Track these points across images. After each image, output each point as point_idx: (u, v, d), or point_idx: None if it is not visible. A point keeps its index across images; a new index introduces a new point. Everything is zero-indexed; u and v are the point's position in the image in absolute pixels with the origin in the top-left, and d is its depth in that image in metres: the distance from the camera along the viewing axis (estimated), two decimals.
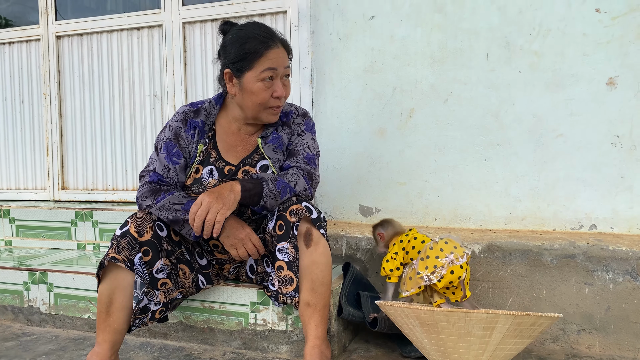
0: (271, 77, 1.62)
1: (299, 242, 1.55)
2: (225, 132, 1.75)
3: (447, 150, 2.17)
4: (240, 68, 1.61)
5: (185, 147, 1.70)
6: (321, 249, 1.55)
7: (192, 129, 1.71)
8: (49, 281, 2.10)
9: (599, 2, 1.95)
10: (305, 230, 1.55)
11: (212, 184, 1.68)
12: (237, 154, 1.73)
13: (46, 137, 2.88)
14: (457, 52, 2.13)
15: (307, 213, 1.56)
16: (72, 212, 2.54)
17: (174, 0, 2.57)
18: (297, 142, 1.74)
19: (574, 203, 2.03)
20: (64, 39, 2.85)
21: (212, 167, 1.71)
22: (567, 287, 1.86)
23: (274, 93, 1.63)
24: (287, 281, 1.54)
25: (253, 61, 1.60)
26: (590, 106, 1.98)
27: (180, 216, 1.58)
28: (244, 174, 1.69)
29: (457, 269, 1.61)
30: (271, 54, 1.60)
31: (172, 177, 1.68)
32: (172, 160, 1.68)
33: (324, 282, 1.56)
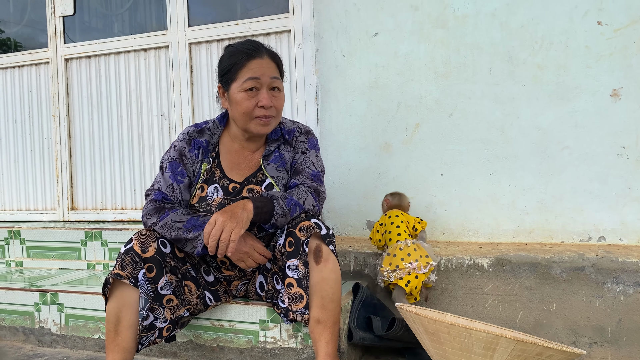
0: (254, 87, 1.62)
1: (309, 258, 1.56)
2: (228, 151, 1.77)
3: (453, 164, 2.18)
4: (227, 81, 1.66)
5: (189, 166, 1.73)
6: (331, 265, 1.55)
7: (197, 148, 1.74)
8: (60, 302, 2.11)
9: (601, 15, 1.96)
10: (315, 247, 1.55)
11: (217, 202, 1.70)
12: (240, 172, 1.75)
13: (55, 158, 2.92)
14: (461, 66, 2.15)
15: (317, 229, 1.56)
16: (81, 232, 2.56)
17: (180, 21, 2.61)
18: (301, 160, 1.75)
19: (582, 215, 2.02)
20: (73, 62, 2.89)
21: (217, 185, 1.72)
22: (578, 300, 1.85)
23: (259, 102, 1.62)
24: (297, 298, 1.55)
25: (237, 72, 1.63)
26: (595, 118, 1.99)
27: (182, 234, 1.59)
28: (248, 192, 1.71)
29: (420, 275, 1.80)
30: (253, 64, 1.63)
31: (177, 195, 1.70)
32: (177, 179, 1.71)
33: (334, 299, 1.56)
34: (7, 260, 2.71)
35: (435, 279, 1.90)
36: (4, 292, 2.20)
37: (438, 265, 1.98)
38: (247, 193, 1.71)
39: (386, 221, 1.96)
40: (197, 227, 1.59)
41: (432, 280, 1.88)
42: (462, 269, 1.96)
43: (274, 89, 1.66)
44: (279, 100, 1.68)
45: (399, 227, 1.91)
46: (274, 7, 2.49)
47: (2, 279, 2.42)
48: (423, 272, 1.81)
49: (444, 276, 1.98)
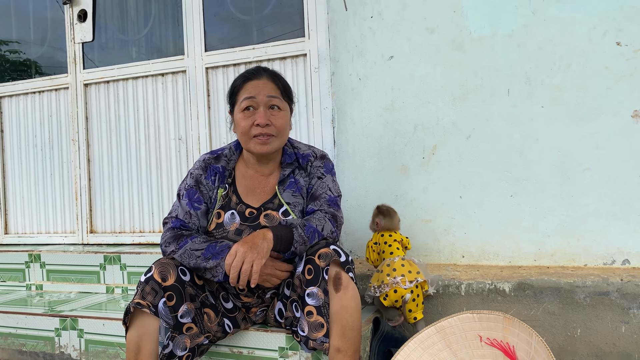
0: (251, 106, 1.66)
1: (329, 285, 1.54)
2: (243, 176, 1.79)
3: (472, 186, 2.16)
4: (231, 105, 1.75)
5: (206, 192, 1.75)
6: (350, 293, 1.54)
7: (213, 174, 1.76)
8: (80, 327, 2.12)
9: (619, 35, 1.94)
10: (335, 274, 1.54)
11: (234, 228, 1.71)
12: (256, 197, 1.76)
13: (75, 182, 2.95)
14: (478, 88, 2.14)
15: (336, 256, 1.55)
16: (100, 256, 2.57)
17: (197, 46, 2.65)
18: (318, 185, 1.76)
19: (605, 238, 1.99)
20: (92, 87, 2.94)
21: (234, 211, 1.73)
22: (603, 326, 1.81)
23: (255, 121, 1.65)
24: (317, 326, 1.53)
25: (236, 95, 1.71)
26: (616, 139, 1.96)
27: (200, 263, 1.60)
28: (265, 218, 1.71)
29: (400, 289, 1.80)
30: (249, 85, 1.69)
31: (194, 222, 1.72)
32: (194, 206, 1.72)
33: (354, 327, 1.54)
34: (27, 283, 2.73)
35: (434, 292, 1.94)
36: (25, 317, 2.21)
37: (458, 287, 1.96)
38: (264, 219, 1.71)
39: (380, 240, 1.98)
40: (215, 255, 1.60)
41: (431, 292, 1.92)
42: (484, 293, 1.94)
43: (272, 108, 1.67)
44: (278, 118, 1.68)
45: (390, 245, 1.94)
46: (290, 31, 2.51)
47: (22, 303, 2.45)
48: (407, 287, 1.81)
49: (465, 301, 1.96)
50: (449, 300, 1.97)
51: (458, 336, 1.58)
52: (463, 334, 1.56)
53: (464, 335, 1.56)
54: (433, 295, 1.96)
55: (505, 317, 1.51)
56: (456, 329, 1.58)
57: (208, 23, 2.65)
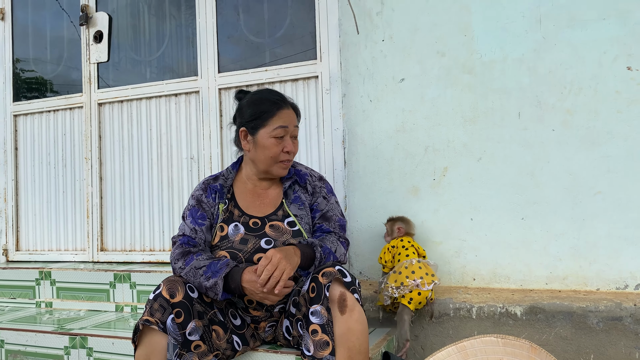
0: (282, 135, 1.78)
1: (333, 307, 1.54)
2: (242, 192, 1.89)
3: (482, 208, 2.16)
4: (255, 126, 1.80)
5: (208, 209, 1.83)
6: (356, 315, 1.53)
7: (213, 192, 1.86)
8: (89, 346, 2.12)
9: (630, 60, 1.96)
10: (339, 295, 1.54)
11: (239, 238, 1.77)
12: (257, 208, 1.85)
13: (87, 200, 2.98)
14: (489, 111, 2.15)
15: (340, 275, 1.57)
16: (110, 274, 2.58)
17: (211, 67, 2.69)
18: (326, 206, 1.87)
19: (618, 262, 1.97)
20: (105, 106, 2.98)
21: (237, 223, 1.81)
22: (617, 352, 1.79)
23: (284, 148, 1.79)
24: (323, 345, 1.52)
25: (267, 120, 1.78)
26: (628, 163, 1.96)
27: (202, 282, 1.63)
28: (271, 228, 1.78)
29: (423, 292, 1.90)
30: (282, 114, 1.79)
31: (200, 236, 1.79)
32: (198, 223, 1.81)
33: (361, 351, 1.53)
34: (37, 301, 2.74)
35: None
36: (35, 335, 2.22)
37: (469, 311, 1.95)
38: (270, 229, 1.78)
39: (398, 244, 2.06)
40: (215, 274, 1.62)
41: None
42: (495, 317, 1.92)
43: (294, 137, 1.84)
44: (297, 146, 1.86)
45: (407, 249, 2.02)
46: (302, 54, 2.54)
47: (32, 320, 2.45)
48: (427, 289, 1.90)
49: (476, 324, 1.94)
50: (460, 324, 1.96)
51: (479, 358, 1.56)
52: (485, 356, 1.54)
53: (486, 359, 1.54)
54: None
55: (532, 346, 1.49)
56: (478, 351, 1.56)
57: (221, 45, 2.70)
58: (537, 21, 2.09)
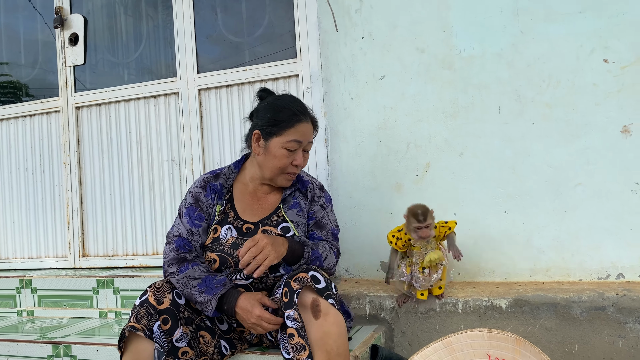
0: (295, 148, 1.75)
1: (306, 312, 1.53)
2: (241, 193, 1.84)
3: (465, 203, 2.17)
4: (269, 132, 1.75)
5: (206, 210, 1.79)
6: (331, 318, 1.52)
7: (212, 192, 1.81)
8: (73, 354, 2.08)
9: (607, 53, 1.98)
10: (312, 302, 1.52)
11: (231, 242, 1.73)
12: (253, 212, 1.81)
13: (67, 205, 2.93)
14: (469, 106, 2.16)
15: (312, 282, 1.54)
16: (93, 280, 2.54)
17: (190, 68, 2.66)
18: (322, 214, 1.86)
19: (599, 252, 2.00)
20: (83, 110, 2.93)
21: (230, 226, 1.77)
22: (600, 341, 1.82)
23: (293, 161, 1.76)
24: (300, 348, 1.52)
25: (283, 129, 1.74)
26: (606, 154, 1.99)
27: (194, 295, 1.62)
28: (263, 233, 1.74)
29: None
30: (300, 127, 1.75)
31: (196, 239, 1.76)
32: (195, 224, 1.76)
33: (340, 353, 1.52)
34: (18, 309, 2.69)
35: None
36: (17, 345, 2.18)
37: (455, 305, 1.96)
38: (261, 233, 1.73)
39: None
40: (209, 290, 1.60)
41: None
42: (480, 310, 1.94)
43: (305, 151, 1.81)
44: (307, 160, 1.83)
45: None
46: (282, 52, 2.53)
47: (13, 329, 2.40)
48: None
49: (462, 318, 1.95)
50: (446, 319, 1.97)
51: (465, 353, 1.57)
52: (471, 351, 1.56)
53: (472, 353, 1.55)
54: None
55: (517, 339, 1.50)
56: (464, 346, 1.57)
57: (200, 45, 2.67)
58: (514, 15, 2.10)
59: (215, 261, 1.72)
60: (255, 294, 1.63)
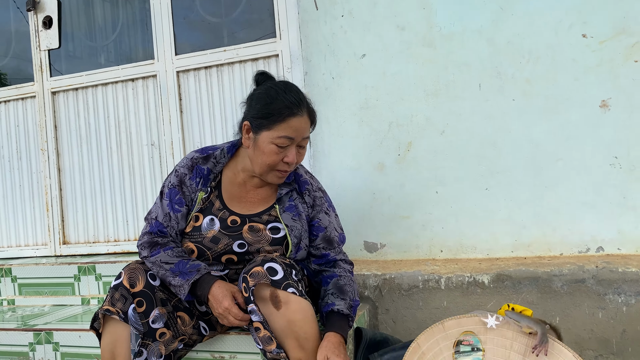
0: (286, 144, 1.58)
1: (268, 306, 1.50)
2: (230, 182, 1.72)
3: (447, 181, 2.17)
4: (259, 125, 1.58)
5: (188, 194, 1.69)
6: (293, 306, 1.48)
7: (198, 176, 1.69)
8: (55, 340, 2.06)
9: (585, 28, 1.99)
10: (270, 294, 1.49)
11: (211, 235, 1.66)
12: (242, 205, 1.71)
13: (45, 193, 2.88)
14: (450, 84, 2.16)
15: (267, 277, 1.49)
16: (74, 267, 2.51)
17: (167, 50, 2.61)
18: (328, 223, 1.73)
19: (579, 226, 2.02)
20: (60, 94, 2.87)
21: (214, 217, 1.68)
22: (580, 313, 1.84)
23: (285, 158, 1.59)
24: (267, 340, 1.51)
25: (274, 123, 1.56)
26: (586, 129, 2.00)
27: (168, 278, 1.58)
28: (250, 230, 1.66)
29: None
30: (293, 122, 1.56)
31: (173, 225, 1.68)
32: (174, 209, 1.68)
33: (309, 337, 1.50)
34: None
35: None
36: None
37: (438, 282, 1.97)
38: (248, 231, 1.66)
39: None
40: (182, 274, 1.57)
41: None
42: (463, 286, 1.95)
43: (300, 147, 1.62)
44: (302, 156, 1.65)
45: None
46: (261, 32, 2.49)
47: None
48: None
49: (445, 295, 1.97)
50: (429, 295, 1.98)
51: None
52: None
53: None
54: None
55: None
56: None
57: (177, 27, 2.62)
58: None
59: (193, 252, 1.67)
60: (231, 286, 1.58)
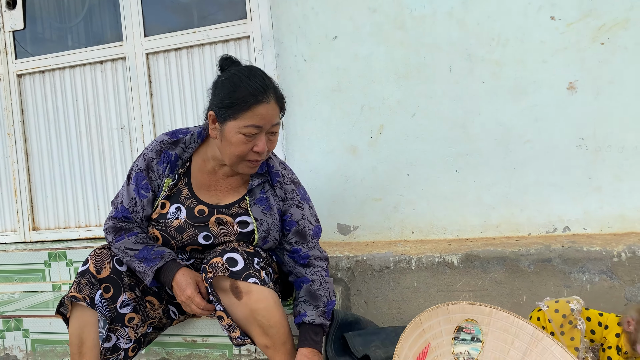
0: (254, 133, 1.49)
1: (229, 296, 1.49)
2: (199, 170, 1.66)
3: (418, 163, 2.19)
4: (224, 115, 1.49)
5: (154, 180, 1.64)
6: (255, 296, 1.48)
7: (165, 162, 1.63)
8: (25, 327, 2.04)
9: (554, 10, 2.00)
10: (230, 285, 1.48)
11: (177, 225, 1.62)
12: (211, 194, 1.66)
13: (13, 178, 2.82)
14: (421, 66, 2.16)
15: (225, 269, 1.47)
16: (44, 253, 2.48)
17: (136, 31, 2.56)
18: (300, 217, 1.67)
19: (547, 207, 2.06)
20: (26, 77, 2.80)
21: (181, 206, 1.63)
22: (547, 291, 1.89)
23: (254, 147, 1.51)
24: (231, 327, 1.51)
25: (239, 112, 1.47)
26: (554, 111, 2.03)
27: (133, 263, 1.57)
28: (217, 223, 1.62)
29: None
30: (260, 110, 1.47)
31: (138, 211, 1.64)
32: (140, 194, 1.64)
33: (272, 324, 1.50)
34: None
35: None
36: None
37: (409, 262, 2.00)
38: (214, 223, 1.62)
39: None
40: (147, 261, 1.56)
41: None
42: (433, 266, 1.98)
43: (271, 134, 1.54)
44: (274, 143, 1.57)
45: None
46: (232, 13, 2.45)
47: None
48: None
49: (415, 275, 1.99)
50: (400, 276, 2.00)
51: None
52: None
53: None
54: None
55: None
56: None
57: (147, 7, 2.57)
58: None
59: (158, 239, 1.65)
60: (195, 274, 1.56)
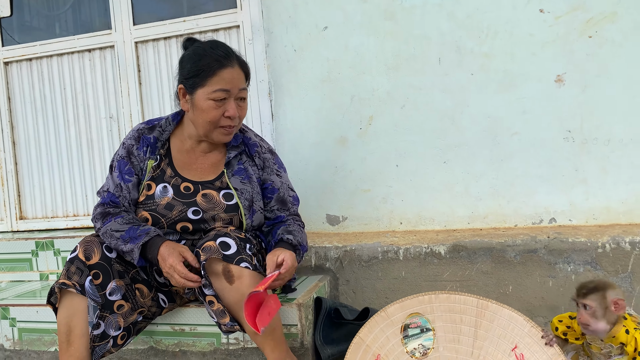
0: (224, 97, 1.59)
1: (220, 280, 1.50)
2: (179, 150, 1.73)
3: (407, 154, 2.20)
4: (192, 84, 1.60)
5: (137, 164, 1.69)
6: (247, 280, 1.50)
7: (145, 145, 1.70)
8: (11, 316, 2.03)
9: (542, 3, 2.01)
10: (223, 269, 1.50)
11: (165, 202, 1.66)
12: (193, 172, 1.72)
13: (0, 167, 2.79)
14: (411, 58, 2.16)
15: (219, 252, 1.50)
16: (32, 243, 2.46)
17: (125, 20, 2.54)
18: (280, 184, 1.76)
19: (533, 198, 2.08)
20: (13, 65, 2.77)
21: (167, 184, 1.68)
22: (532, 282, 1.91)
23: (225, 112, 1.60)
24: (221, 313, 1.52)
25: (205, 79, 1.57)
26: (541, 104, 2.04)
27: (119, 245, 1.56)
28: (203, 198, 1.66)
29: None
30: (225, 74, 1.58)
31: (125, 195, 1.67)
32: (124, 179, 1.68)
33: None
34: None
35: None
36: None
37: (397, 253, 2.01)
38: (202, 198, 1.67)
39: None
40: (133, 239, 1.55)
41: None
42: (421, 257, 1.99)
43: (240, 99, 1.63)
44: (244, 110, 1.66)
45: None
46: (222, 2, 2.44)
47: None
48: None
49: (403, 265, 2.01)
50: (388, 266, 2.02)
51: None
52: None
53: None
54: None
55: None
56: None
57: None
58: None
59: (147, 220, 1.66)
60: (179, 245, 1.56)
